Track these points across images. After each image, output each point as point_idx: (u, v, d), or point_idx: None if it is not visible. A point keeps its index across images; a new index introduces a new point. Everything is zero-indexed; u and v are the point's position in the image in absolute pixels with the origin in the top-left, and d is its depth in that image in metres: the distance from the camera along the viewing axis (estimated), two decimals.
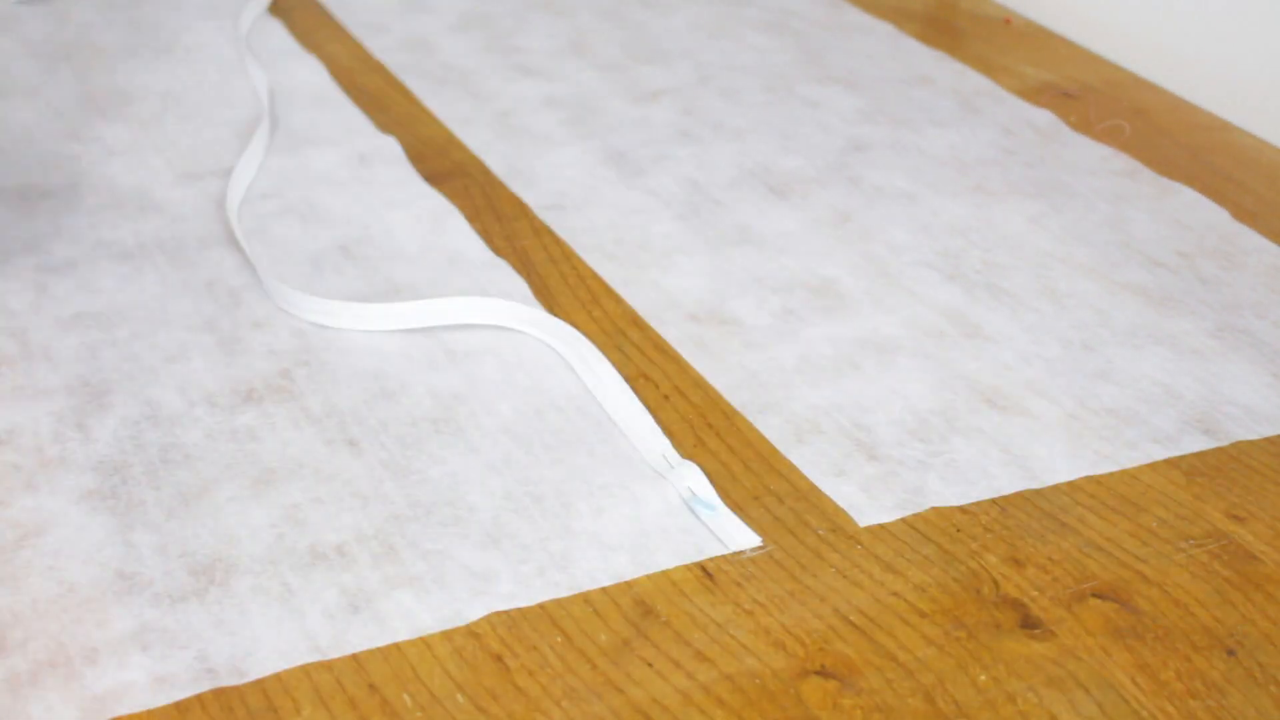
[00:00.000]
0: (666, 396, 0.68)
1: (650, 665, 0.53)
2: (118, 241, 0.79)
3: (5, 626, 0.54)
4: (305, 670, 0.53)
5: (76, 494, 0.60)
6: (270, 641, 0.54)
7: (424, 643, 0.54)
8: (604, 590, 0.56)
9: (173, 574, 0.57)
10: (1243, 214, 0.85)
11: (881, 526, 0.60)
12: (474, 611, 0.55)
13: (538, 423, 0.66)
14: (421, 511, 0.60)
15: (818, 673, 0.53)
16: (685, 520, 0.60)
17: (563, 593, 0.56)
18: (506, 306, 0.73)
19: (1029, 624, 0.56)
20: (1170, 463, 0.65)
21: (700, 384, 0.69)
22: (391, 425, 0.65)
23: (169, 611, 0.55)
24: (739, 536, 0.59)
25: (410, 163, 0.89)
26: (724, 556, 0.58)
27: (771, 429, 0.66)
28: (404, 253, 0.79)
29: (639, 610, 0.56)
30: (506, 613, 0.55)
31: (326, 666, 0.53)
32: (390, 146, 0.91)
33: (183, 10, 1.08)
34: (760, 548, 0.59)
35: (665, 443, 0.64)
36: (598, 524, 0.60)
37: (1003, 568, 0.58)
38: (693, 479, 0.62)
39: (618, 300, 0.76)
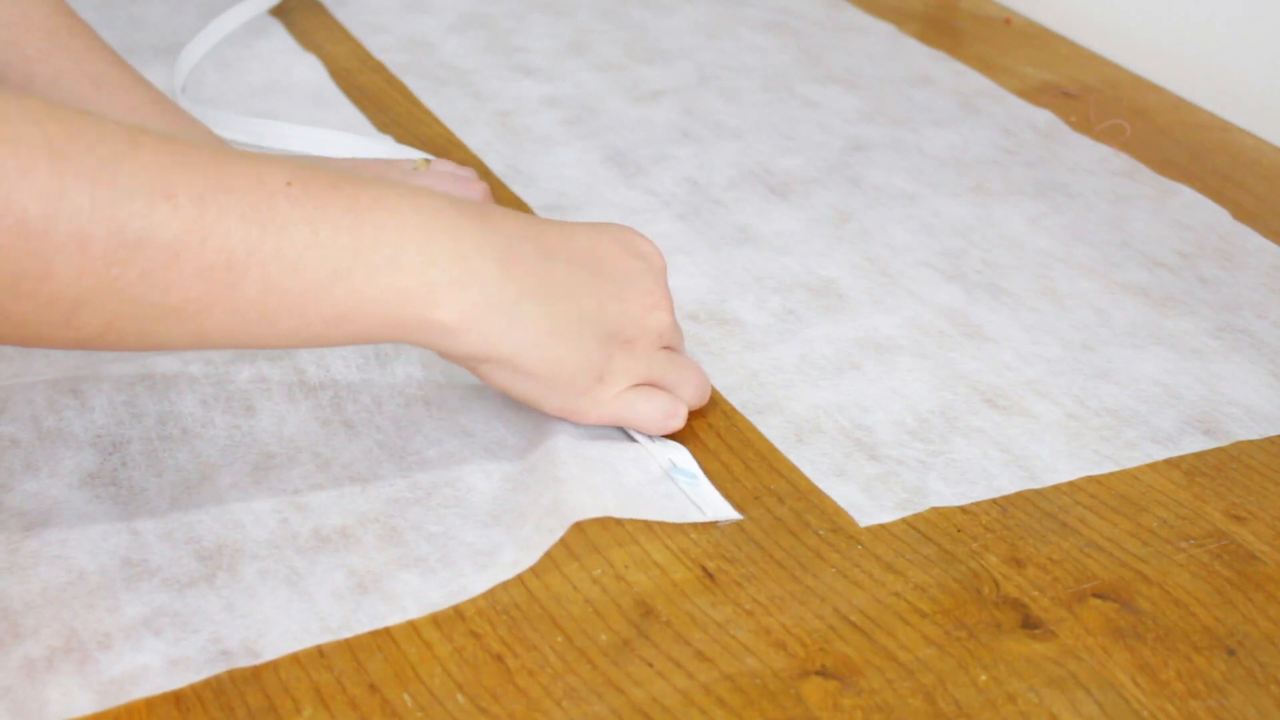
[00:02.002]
0: None
1: (650, 665, 0.53)
2: None
3: (17, 614, 0.54)
4: (305, 670, 0.53)
5: (78, 477, 0.61)
6: (281, 623, 0.54)
7: (424, 642, 0.54)
8: (604, 590, 0.56)
9: (180, 560, 0.57)
10: (1243, 214, 0.85)
11: (882, 526, 0.60)
12: (479, 585, 0.56)
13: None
14: (422, 493, 0.61)
15: (818, 673, 0.53)
16: (667, 488, 0.61)
17: (558, 535, 0.57)
18: None
19: (1029, 624, 0.56)
20: (1170, 463, 0.65)
21: None
22: (386, 404, 0.66)
23: (179, 596, 0.55)
24: (718, 506, 0.61)
25: None
26: (725, 556, 0.58)
27: (771, 429, 0.66)
28: None
29: (639, 610, 0.56)
30: (507, 612, 0.55)
31: (327, 666, 0.53)
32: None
33: (183, 11, 1.08)
34: (737, 520, 0.60)
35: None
36: (585, 492, 0.60)
37: (1003, 568, 0.58)
38: (674, 450, 0.63)
39: None
